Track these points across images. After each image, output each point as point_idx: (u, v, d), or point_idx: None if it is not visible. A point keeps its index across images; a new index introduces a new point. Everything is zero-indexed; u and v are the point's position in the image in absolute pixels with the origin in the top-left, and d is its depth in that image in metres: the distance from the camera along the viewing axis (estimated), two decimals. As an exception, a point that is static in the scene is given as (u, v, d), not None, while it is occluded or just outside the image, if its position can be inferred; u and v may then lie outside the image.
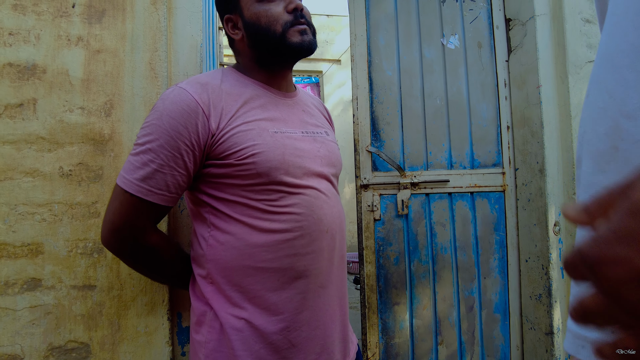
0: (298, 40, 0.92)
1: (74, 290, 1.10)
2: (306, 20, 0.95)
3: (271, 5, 0.93)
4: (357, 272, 5.46)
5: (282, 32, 0.92)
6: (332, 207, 0.96)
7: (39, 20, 1.14)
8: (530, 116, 1.88)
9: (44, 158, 1.11)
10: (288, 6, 0.92)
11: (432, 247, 1.91)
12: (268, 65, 0.98)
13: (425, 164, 1.95)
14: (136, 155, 0.85)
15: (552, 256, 1.78)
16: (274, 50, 0.94)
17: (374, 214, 1.88)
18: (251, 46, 0.97)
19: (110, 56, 1.18)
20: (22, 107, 1.11)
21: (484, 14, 2.05)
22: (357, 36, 1.94)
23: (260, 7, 0.93)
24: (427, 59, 1.99)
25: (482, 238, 1.96)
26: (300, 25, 0.93)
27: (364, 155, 1.90)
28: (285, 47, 0.92)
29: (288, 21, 0.92)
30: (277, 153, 0.87)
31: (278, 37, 0.92)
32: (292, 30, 0.92)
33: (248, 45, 0.98)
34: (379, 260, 1.87)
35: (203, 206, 0.92)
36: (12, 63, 1.11)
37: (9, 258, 1.07)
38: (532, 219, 1.88)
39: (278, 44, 0.92)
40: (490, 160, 2.01)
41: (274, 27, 0.92)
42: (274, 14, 0.92)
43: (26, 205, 1.09)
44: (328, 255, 0.93)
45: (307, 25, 0.94)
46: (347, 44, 6.58)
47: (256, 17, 0.93)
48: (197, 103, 0.85)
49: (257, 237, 0.86)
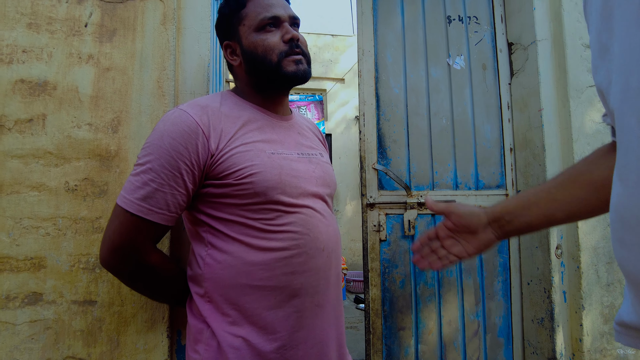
0: (293, 70, 0.96)
1: (75, 306, 1.10)
2: (301, 50, 0.98)
3: (268, 35, 0.96)
4: (358, 291, 5.41)
5: (277, 61, 0.95)
6: (327, 226, 0.97)
7: (52, 39, 1.17)
8: (532, 139, 1.89)
9: (51, 173, 1.12)
10: (284, 36, 0.96)
11: (438, 270, 1.90)
12: (264, 90, 1.02)
13: (431, 184, 1.95)
14: (136, 175, 0.86)
15: (554, 279, 1.76)
16: (269, 78, 0.97)
17: (380, 234, 1.86)
18: (248, 72, 1.01)
19: (119, 74, 1.20)
20: (31, 122, 1.13)
21: (488, 37, 2.09)
22: (364, 52, 1.96)
23: (258, 36, 0.96)
24: (433, 78, 2.02)
25: (487, 260, 1.95)
26: (296, 55, 0.96)
27: (370, 173, 1.90)
28: (280, 76, 0.96)
29: (283, 51, 0.95)
30: (274, 173, 0.89)
31: (274, 66, 0.95)
32: (287, 60, 0.95)
33: (245, 72, 1.01)
34: (385, 283, 1.85)
35: (201, 225, 0.93)
36: (24, 79, 1.14)
37: (11, 272, 1.07)
38: (534, 241, 1.87)
39: (274, 73, 0.95)
40: (494, 182, 2.01)
41: (270, 56, 0.95)
42: (270, 44, 0.95)
43: (31, 219, 1.10)
44: (324, 274, 0.94)
45: (302, 54, 0.97)
46: (350, 63, 6.67)
47: (253, 46, 0.96)
48: (198, 124, 0.88)
49: (254, 256, 0.88)
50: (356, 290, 5.49)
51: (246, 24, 0.98)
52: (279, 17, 0.96)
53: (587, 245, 1.75)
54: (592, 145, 1.82)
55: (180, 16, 1.34)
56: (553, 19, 1.90)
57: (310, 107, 6.61)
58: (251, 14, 0.97)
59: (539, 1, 1.91)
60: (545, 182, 0.83)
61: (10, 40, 1.14)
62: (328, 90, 6.79)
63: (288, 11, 0.99)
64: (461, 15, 2.08)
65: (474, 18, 2.09)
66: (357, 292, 5.41)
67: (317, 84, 6.72)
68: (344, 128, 6.79)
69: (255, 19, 0.96)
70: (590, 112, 1.84)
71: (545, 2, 1.92)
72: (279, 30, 0.97)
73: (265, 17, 0.96)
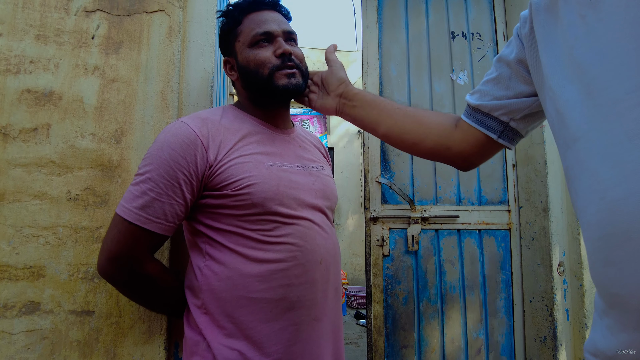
0: (284, 83, 0.97)
1: (72, 316, 1.09)
2: (295, 63, 0.98)
3: (260, 50, 0.98)
4: (359, 307, 5.35)
5: (268, 75, 0.96)
6: (326, 239, 0.97)
7: (60, 50, 1.19)
8: (534, 155, 1.89)
9: (53, 182, 1.13)
10: (276, 51, 0.97)
11: (442, 286, 1.88)
12: (261, 104, 1.04)
13: (434, 199, 1.94)
14: (136, 184, 0.88)
15: (557, 297, 1.74)
16: (262, 92, 0.99)
17: (383, 249, 1.85)
18: (244, 87, 1.04)
19: (124, 85, 1.22)
20: (36, 131, 1.14)
21: (490, 53, 2.11)
22: (369, 65, 1.98)
23: (251, 52, 0.98)
24: (437, 93, 2.03)
25: (490, 277, 1.93)
26: (288, 69, 0.97)
27: (373, 187, 1.90)
28: (272, 89, 0.97)
29: (275, 65, 0.96)
30: (271, 184, 0.90)
31: (265, 79, 0.96)
32: (279, 74, 0.96)
33: (242, 86, 1.05)
34: (387, 299, 1.83)
35: (199, 236, 0.94)
36: (30, 89, 1.15)
37: (10, 280, 1.07)
38: (536, 258, 1.86)
39: (265, 86, 0.97)
40: (497, 198, 2.01)
41: (262, 70, 0.97)
42: (261, 58, 0.97)
43: (32, 228, 1.10)
44: (322, 287, 0.94)
45: (296, 68, 0.99)
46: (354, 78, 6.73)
47: (247, 61, 0.99)
48: (197, 135, 0.89)
49: (251, 267, 0.88)
50: (357, 306, 5.43)
51: (241, 40, 1.01)
52: (271, 32, 0.98)
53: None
54: (594, 162, 1.82)
55: (185, 30, 1.36)
56: (555, 37, 1.91)
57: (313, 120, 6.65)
58: (245, 31, 1.00)
59: (540, 19, 1.93)
60: (398, 104, 0.98)
61: (19, 51, 1.16)
62: (331, 104, 6.84)
63: (282, 26, 1.01)
64: (465, 32, 2.10)
65: (477, 34, 2.11)
66: (358, 308, 5.35)
67: (320, 98, 6.76)
68: (347, 142, 6.82)
69: (248, 35, 0.99)
70: (593, 129, 1.84)
71: (546, 20, 1.94)
72: (272, 45, 0.98)
73: (257, 33, 0.98)
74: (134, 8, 1.26)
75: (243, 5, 1.02)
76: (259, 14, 1.01)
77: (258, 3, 1.02)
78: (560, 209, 1.81)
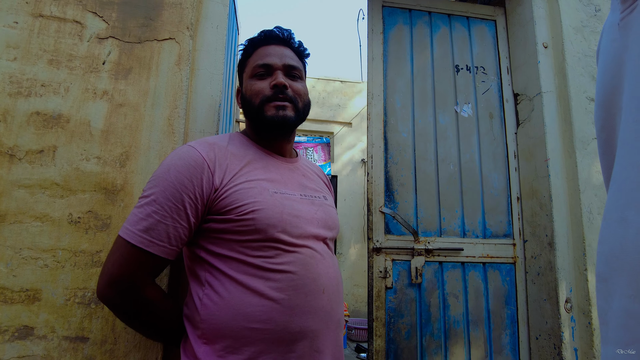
0: (271, 114, 0.99)
1: (66, 342, 1.07)
2: (288, 96, 1.01)
3: (258, 82, 1.03)
4: (360, 340, 5.21)
5: (259, 105, 1.00)
6: (328, 268, 0.96)
7: (71, 74, 1.21)
8: (539, 188, 1.88)
9: (55, 204, 1.13)
10: (271, 83, 1.01)
11: (445, 320, 1.83)
12: (260, 133, 1.06)
13: (438, 230, 1.92)
14: (140, 207, 0.87)
15: (565, 335, 1.69)
16: (255, 121, 1.04)
17: (386, 281, 1.81)
18: (244, 115, 1.09)
19: (131, 110, 1.23)
20: (42, 153, 1.15)
21: (494, 87, 2.14)
22: (374, 96, 2.01)
23: (250, 82, 1.04)
24: (441, 125, 2.04)
25: (494, 312, 1.88)
26: (278, 101, 1.00)
27: (377, 216, 1.88)
28: (260, 119, 1.01)
29: (267, 95, 1.00)
30: (275, 211, 0.90)
31: (255, 109, 1.01)
32: (269, 105, 1.00)
33: (244, 114, 1.09)
34: (389, 333, 1.78)
35: (200, 263, 0.92)
36: (39, 112, 1.17)
37: (5, 303, 1.05)
38: (542, 293, 1.81)
39: (256, 115, 1.01)
40: (501, 231, 1.98)
41: (254, 100, 1.01)
42: (256, 89, 1.02)
43: (31, 250, 1.09)
44: (324, 318, 0.92)
45: (288, 100, 1.01)
46: (358, 108, 6.82)
47: (245, 90, 1.06)
48: (204, 159, 0.91)
49: (252, 297, 0.86)
50: (358, 339, 5.29)
51: (247, 71, 1.07)
52: (270, 65, 1.03)
53: (597, 300, 1.69)
54: (599, 196, 1.80)
55: (194, 58, 1.39)
56: (557, 73, 1.94)
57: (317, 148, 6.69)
58: (251, 62, 1.06)
59: (543, 55, 1.97)
60: None
61: (31, 74, 1.18)
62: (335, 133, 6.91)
63: (284, 60, 1.04)
64: (469, 65, 2.14)
65: (481, 68, 2.14)
66: (359, 341, 5.21)
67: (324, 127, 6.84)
68: (350, 170, 6.84)
69: (251, 65, 1.05)
70: (597, 164, 1.84)
71: (549, 56, 1.97)
72: (269, 78, 1.03)
73: (257, 65, 1.04)
74: (145, 36, 1.29)
75: (256, 39, 1.08)
76: (266, 47, 1.06)
77: (268, 38, 1.08)
78: (566, 244, 1.78)
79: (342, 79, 7.12)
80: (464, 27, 2.19)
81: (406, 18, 2.15)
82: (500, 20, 2.23)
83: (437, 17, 2.18)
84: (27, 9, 1.22)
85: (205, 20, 1.44)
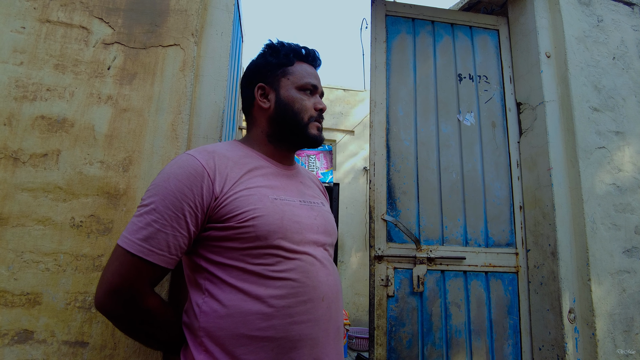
0: (315, 134, 1.07)
1: (65, 346, 1.06)
2: (322, 120, 1.11)
3: (305, 97, 1.07)
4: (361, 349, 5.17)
5: (307, 122, 1.06)
6: (328, 275, 0.96)
7: (76, 79, 1.22)
8: (542, 198, 1.88)
9: (58, 207, 1.13)
10: (316, 105, 1.08)
11: (447, 330, 1.81)
12: (279, 142, 1.08)
13: (441, 239, 1.91)
14: (140, 216, 0.87)
15: (568, 346, 1.67)
16: (293, 132, 1.07)
17: (388, 289, 1.80)
18: (273, 119, 1.07)
19: (135, 115, 1.24)
20: (45, 157, 1.15)
21: (497, 96, 2.14)
22: (376, 104, 2.01)
23: (297, 94, 1.07)
24: (443, 134, 2.04)
25: (497, 322, 1.86)
26: (319, 123, 1.09)
27: (379, 224, 1.87)
28: (304, 135, 1.06)
29: (313, 116, 1.07)
30: (275, 217, 0.90)
31: (302, 124, 1.06)
32: (313, 124, 1.07)
33: (270, 117, 1.08)
34: (391, 342, 1.76)
35: (200, 272, 0.92)
36: (44, 116, 1.17)
37: (5, 306, 1.05)
38: (545, 304, 1.80)
39: (299, 130, 1.06)
40: (504, 240, 1.97)
41: (302, 115, 1.06)
42: (306, 106, 1.06)
43: (33, 253, 1.09)
44: (324, 326, 0.91)
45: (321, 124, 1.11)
46: (361, 116, 6.83)
47: (292, 100, 1.06)
48: (204, 167, 0.90)
49: (252, 304, 0.85)
50: (359, 348, 5.24)
51: (290, 79, 1.08)
52: (317, 87, 1.10)
53: (602, 311, 1.68)
54: (602, 206, 1.79)
55: (199, 64, 1.40)
56: (560, 82, 1.95)
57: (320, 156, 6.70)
58: (298, 74, 1.08)
59: (546, 65, 1.97)
60: None
61: (37, 79, 1.19)
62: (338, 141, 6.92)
63: (321, 87, 1.13)
64: (472, 74, 2.14)
65: (484, 77, 2.15)
66: (360, 350, 5.17)
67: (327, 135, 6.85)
68: (352, 178, 6.83)
69: (300, 79, 1.08)
70: (600, 174, 1.83)
71: (552, 65, 1.98)
72: (312, 98, 1.09)
73: (309, 82, 1.08)
74: (150, 42, 1.30)
75: (299, 51, 1.11)
76: (309, 66, 1.12)
77: (311, 58, 1.13)
78: (570, 254, 1.77)
79: (345, 87, 7.14)
80: (467, 37, 2.20)
81: (409, 27, 2.16)
82: (503, 30, 2.24)
83: (440, 26, 2.19)
84: (34, 14, 1.23)
85: (210, 27, 1.45)
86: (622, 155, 1.90)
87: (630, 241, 1.81)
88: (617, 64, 2.03)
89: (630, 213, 1.84)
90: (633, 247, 1.80)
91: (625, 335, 1.68)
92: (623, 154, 1.90)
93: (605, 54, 2.03)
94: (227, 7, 1.50)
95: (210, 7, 1.47)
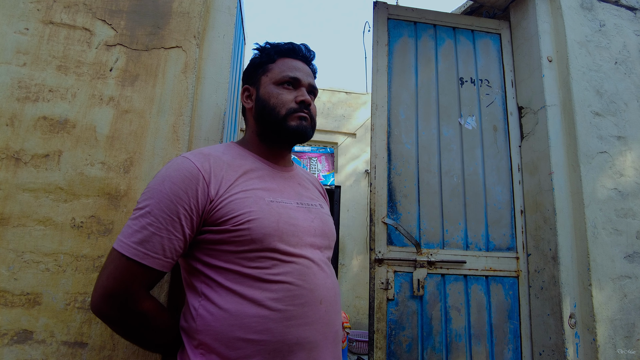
0: (295, 124, 1.02)
1: (64, 347, 1.06)
2: (309, 113, 1.04)
3: (284, 92, 1.04)
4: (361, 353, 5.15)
5: (284, 116, 1.02)
6: (325, 278, 0.95)
7: (78, 80, 1.23)
8: (543, 202, 1.87)
9: (59, 208, 1.13)
10: (297, 97, 1.03)
11: (447, 334, 1.80)
12: (268, 141, 1.07)
13: (441, 242, 1.91)
14: (135, 219, 0.87)
15: (569, 352, 1.66)
16: (273, 129, 1.03)
17: (388, 292, 1.79)
18: (256, 118, 1.07)
19: (137, 117, 1.25)
20: (47, 157, 1.15)
21: (499, 100, 2.14)
22: (378, 107, 2.01)
23: (275, 89, 1.04)
24: (445, 137, 2.04)
25: (497, 326, 1.86)
26: (302, 113, 1.03)
27: (379, 227, 1.87)
28: (283, 129, 1.02)
29: (292, 108, 1.02)
30: (271, 220, 0.90)
31: (280, 119, 1.02)
32: (292, 116, 1.02)
33: (254, 117, 1.08)
34: (390, 346, 1.75)
35: (196, 275, 0.92)
36: (46, 117, 1.18)
37: (5, 306, 1.05)
38: (546, 308, 1.79)
39: (278, 125, 1.02)
40: (504, 244, 1.97)
41: (279, 109, 1.02)
42: (282, 99, 1.03)
43: (33, 254, 1.09)
44: (322, 329, 0.91)
45: (308, 116, 1.04)
46: (362, 119, 6.83)
47: (268, 95, 1.04)
48: (199, 170, 0.90)
49: (249, 308, 0.85)
50: (359, 352, 5.22)
51: (269, 76, 1.06)
52: (299, 79, 1.05)
53: (602, 317, 1.67)
54: (604, 211, 1.79)
55: (201, 66, 1.40)
56: (562, 87, 1.94)
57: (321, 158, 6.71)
58: (276, 69, 1.06)
59: (547, 69, 1.97)
60: None
61: (40, 80, 1.20)
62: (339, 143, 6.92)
63: (309, 79, 1.07)
64: (473, 78, 2.14)
65: (486, 81, 2.15)
66: (360, 354, 5.15)
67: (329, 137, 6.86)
68: (354, 181, 6.83)
69: (278, 74, 1.05)
70: (602, 178, 1.83)
71: (553, 70, 1.98)
72: (295, 92, 1.05)
73: (287, 75, 1.04)
74: (153, 43, 1.31)
75: (282, 47, 1.09)
76: (293, 60, 1.08)
77: (296, 52, 1.09)
78: (571, 258, 1.76)
79: (347, 90, 7.15)
80: (469, 41, 2.20)
81: (411, 31, 2.16)
82: (505, 34, 2.24)
83: (442, 30, 2.20)
84: (38, 16, 1.24)
85: (212, 29, 1.46)
86: (624, 160, 1.90)
87: (632, 246, 1.80)
88: (619, 68, 2.03)
89: (632, 218, 1.84)
90: (634, 252, 1.80)
91: (627, 341, 1.67)
92: (625, 159, 1.90)
93: (607, 58, 2.03)
94: (229, 9, 1.51)
95: (212, 10, 1.48)
